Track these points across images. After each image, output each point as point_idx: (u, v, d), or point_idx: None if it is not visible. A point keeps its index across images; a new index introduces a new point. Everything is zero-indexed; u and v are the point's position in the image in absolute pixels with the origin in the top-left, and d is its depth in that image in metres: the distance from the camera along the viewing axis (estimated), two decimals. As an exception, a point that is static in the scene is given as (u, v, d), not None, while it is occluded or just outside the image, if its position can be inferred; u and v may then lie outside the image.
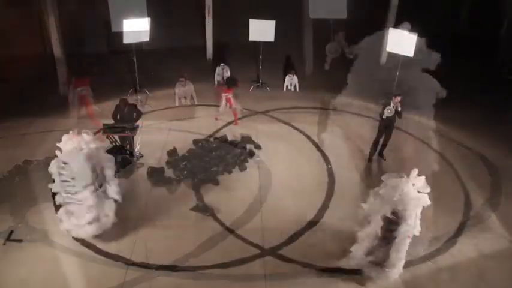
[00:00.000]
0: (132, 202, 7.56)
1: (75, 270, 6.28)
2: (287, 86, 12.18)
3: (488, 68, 13.05)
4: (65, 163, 6.16)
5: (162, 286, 6.19)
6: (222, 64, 11.99)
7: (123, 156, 8.50)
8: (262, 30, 11.62)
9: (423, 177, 5.65)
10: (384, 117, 8.57)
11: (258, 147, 9.42)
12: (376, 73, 11.10)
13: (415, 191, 5.62)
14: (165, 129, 10.01)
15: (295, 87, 12.17)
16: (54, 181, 6.40)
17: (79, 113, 10.39)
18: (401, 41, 10.06)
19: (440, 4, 14.34)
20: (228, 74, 11.77)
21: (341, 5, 12.11)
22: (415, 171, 5.66)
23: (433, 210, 5.96)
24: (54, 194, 6.54)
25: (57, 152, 6.19)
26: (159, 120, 10.36)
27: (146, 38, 11.10)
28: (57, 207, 6.62)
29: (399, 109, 8.49)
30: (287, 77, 12.14)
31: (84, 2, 12.91)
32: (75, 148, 6.15)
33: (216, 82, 11.98)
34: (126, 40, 10.86)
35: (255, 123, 10.45)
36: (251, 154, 9.14)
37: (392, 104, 8.46)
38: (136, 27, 10.77)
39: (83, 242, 6.71)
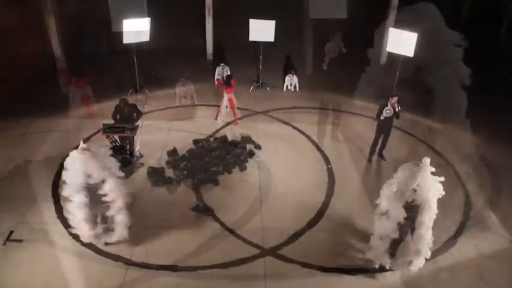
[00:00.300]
0: (132, 202, 7.55)
1: (75, 270, 6.28)
2: (287, 86, 12.17)
3: (488, 68, 13.04)
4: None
5: (162, 286, 6.19)
6: (222, 64, 11.97)
7: (123, 156, 8.49)
8: (262, 30, 11.61)
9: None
10: (383, 117, 8.57)
11: (258, 147, 9.42)
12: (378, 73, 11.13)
13: (433, 177, 5.68)
14: (165, 129, 10.00)
15: (295, 87, 12.15)
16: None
17: (79, 113, 10.39)
18: (402, 41, 10.08)
19: (440, 4, 14.33)
20: (228, 74, 11.76)
21: (341, 5, 12.12)
22: (428, 160, 5.65)
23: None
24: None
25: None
26: (159, 120, 10.35)
27: (146, 38, 11.12)
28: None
29: (397, 109, 8.50)
30: (287, 77, 12.12)
31: (84, 2, 12.90)
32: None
33: (216, 82, 11.97)
34: (126, 40, 10.89)
35: (255, 123, 10.44)
36: (251, 154, 9.13)
37: (389, 105, 8.47)
38: (136, 27, 10.80)
39: (83, 242, 6.68)
